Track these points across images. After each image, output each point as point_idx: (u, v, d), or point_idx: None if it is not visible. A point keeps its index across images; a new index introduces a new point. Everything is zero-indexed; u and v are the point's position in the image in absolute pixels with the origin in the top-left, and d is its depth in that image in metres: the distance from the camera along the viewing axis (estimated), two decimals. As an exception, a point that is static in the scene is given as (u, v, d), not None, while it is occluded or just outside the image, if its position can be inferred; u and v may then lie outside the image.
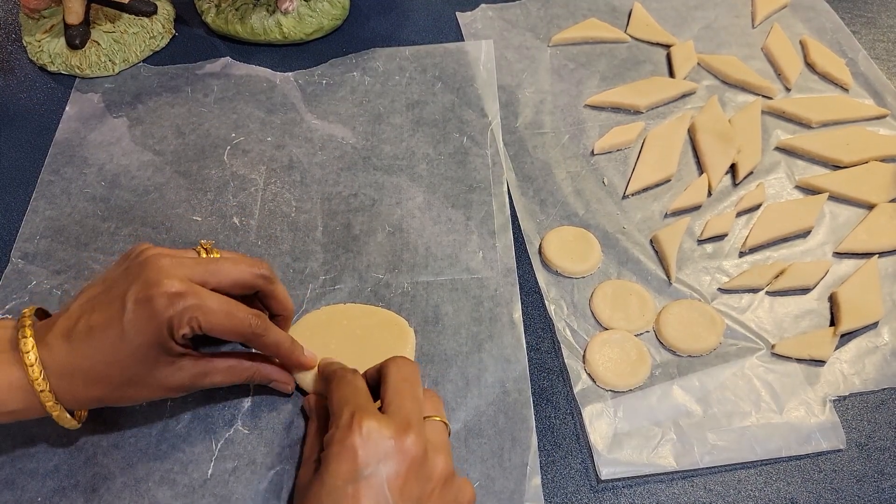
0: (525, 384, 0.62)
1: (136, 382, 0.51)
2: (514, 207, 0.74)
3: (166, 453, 0.57)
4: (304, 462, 0.53)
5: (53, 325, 0.51)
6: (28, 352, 0.49)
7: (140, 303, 0.49)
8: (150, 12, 0.87)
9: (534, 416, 0.60)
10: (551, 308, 0.67)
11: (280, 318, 0.60)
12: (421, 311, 0.66)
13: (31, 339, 0.50)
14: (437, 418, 0.53)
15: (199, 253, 0.58)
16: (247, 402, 0.60)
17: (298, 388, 0.61)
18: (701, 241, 0.72)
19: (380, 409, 0.51)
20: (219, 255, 0.58)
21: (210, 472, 0.57)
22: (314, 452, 0.52)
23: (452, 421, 0.59)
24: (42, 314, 0.55)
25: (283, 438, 0.58)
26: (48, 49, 0.86)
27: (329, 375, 0.55)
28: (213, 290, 0.52)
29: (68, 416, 0.51)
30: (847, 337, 0.65)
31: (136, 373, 0.51)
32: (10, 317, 0.63)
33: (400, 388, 0.52)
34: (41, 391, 0.49)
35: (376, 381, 0.54)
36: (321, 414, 0.55)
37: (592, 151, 0.79)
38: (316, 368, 0.60)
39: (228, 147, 0.79)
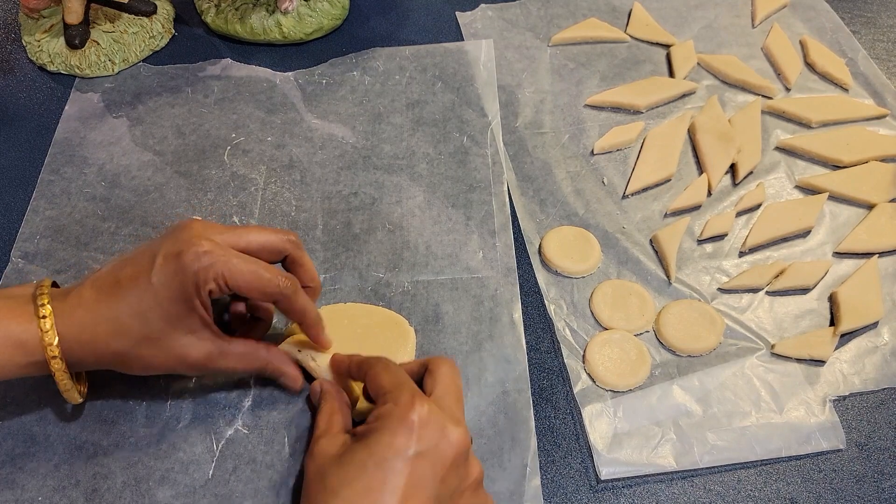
0: (525, 384, 0.62)
1: (155, 342, 0.52)
2: (513, 207, 0.74)
3: (167, 453, 0.57)
4: (322, 434, 0.53)
5: (83, 282, 0.53)
6: (45, 317, 0.50)
7: (169, 257, 0.51)
8: (150, 12, 0.88)
9: (533, 417, 0.60)
10: (551, 308, 0.67)
11: (308, 290, 0.59)
12: (421, 311, 0.66)
13: (48, 305, 0.51)
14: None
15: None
16: (247, 402, 0.60)
17: (307, 376, 0.61)
18: (701, 241, 0.72)
19: None
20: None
21: (211, 471, 0.56)
22: (334, 425, 0.53)
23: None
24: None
25: (283, 438, 0.58)
26: (48, 49, 0.86)
27: (368, 361, 0.55)
28: (243, 251, 0.53)
29: (73, 384, 0.53)
30: (847, 337, 0.65)
31: (157, 328, 0.51)
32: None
33: (450, 388, 0.52)
34: (52, 357, 0.51)
35: (418, 377, 0.55)
36: (340, 395, 0.57)
37: (592, 151, 0.79)
38: (328, 358, 0.60)
39: (229, 147, 0.79)
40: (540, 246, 0.71)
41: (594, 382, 0.62)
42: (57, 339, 0.50)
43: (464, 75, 0.87)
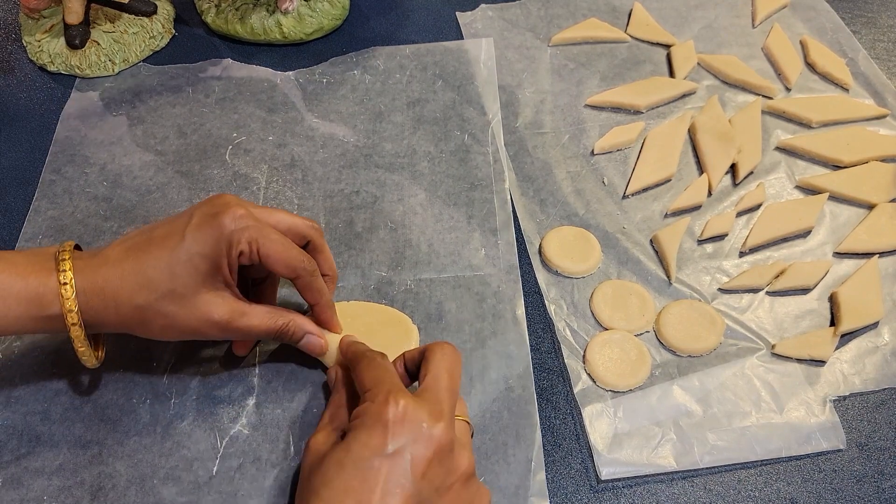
0: (528, 380, 0.62)
1: (180, 298, 0.52)
2: (514, 206, 0.74)
3: (171, 451, 0.58)
4: (322, 427, 0.53)
5: (110, 244, 0.54)
6: (64, 270, 0.52)
7: (206, 217, 0.53)
8: (150, 12, 0.88)
9: (538, 412, 0.60)
10: (551, 308, 0.67)
11: (326, 278, 0.61)
12: (424, 308, 0.66)
13: (68, 260, 0.52)
14: (463, 419, 0.53)
15: None
16: (251, 400, 0.60)
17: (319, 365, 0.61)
18: (701, 241, 0.72)
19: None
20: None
21: (215, 469, 0.57)
22: (335, 420, 0.54)
23: (455, 419, 0.60)
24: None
25: (287, 436, 0.59)
26: (48, 49, 0.86)
27: (357, 356, 0.55)
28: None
29: (89, 346, 0.54)
30: (847, 337, 0.65)
31: (182, 283, 0.52)
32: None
33: (440, 376, 0.52)
34: (69, 311, 0.51)
35: (416, 364, 0.55)
36: (348, 386, 0.56)
37: (592, 151, 0.79)
38: (338, 343, 0.60)
39: (230, 146, 0.79)
40: (540, 246, 0.71)
41: (594, 382, 0.62)
42: (74, 292, 0.51)
43: (464, 74, 0.87)
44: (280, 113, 0.83)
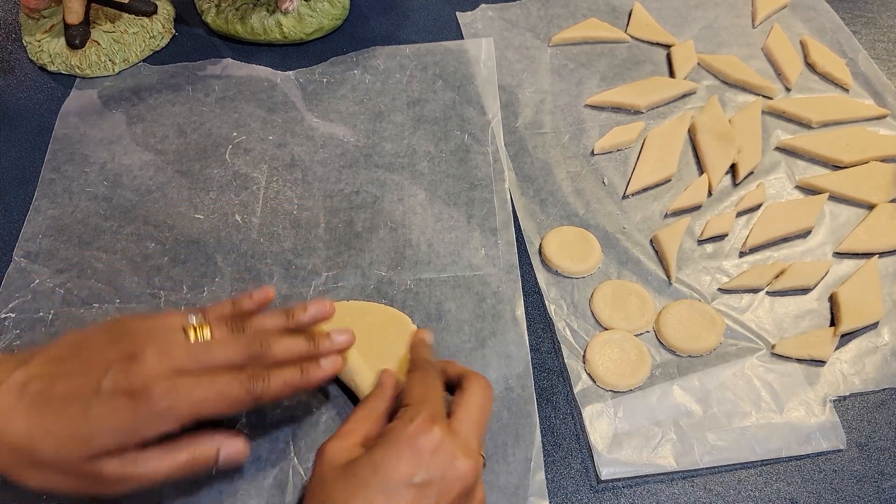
0: (528, 380, 0.62)
1: (63, 465, 0.46)
2: (514, 206, 0.74)
3: (169, 452, 0.57)
4: (344, 434, 0.50)
5: (8, 377, 0.47)
6: None
7: (118, 394, 0.46)
8: (150, 12, 0.87)
9: (537, 412, 0.60)
10: (551, 308, 0.67)
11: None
12: (424, 308, 0.66)
13: None
14: (482, 454, 0.52)
15: (186, 332, 0.51)
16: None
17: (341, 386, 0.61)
18: (701, 241, 0.72)
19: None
20: (206, 333, 0.51)
21: (215, 470, 0.56)
22: (356, 434, 0.51)
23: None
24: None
25: (287, 436, 0.59)
26: (48, 49, 0.86)
27: (417, 363, 0.56)
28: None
29: None
30: (847, 337, 0.65)
31: (72, 455, 0.46)
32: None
33: (473, 411, 0.52)
34: None
35: (451, 382, 0.55)
36: (390, 400, 0.55)
37: (592, 151, 0.79)
38: (368, 374, 0.59)
39: (230, 146, 0.79)
40: (540, 246, 0.71)
41: (594, 382, 0.62)
42: None
43: (464, 73, 0.87)
44: (280, 112, 0.83)
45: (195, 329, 0.51)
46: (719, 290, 0.68)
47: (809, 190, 0.76)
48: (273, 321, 0.55)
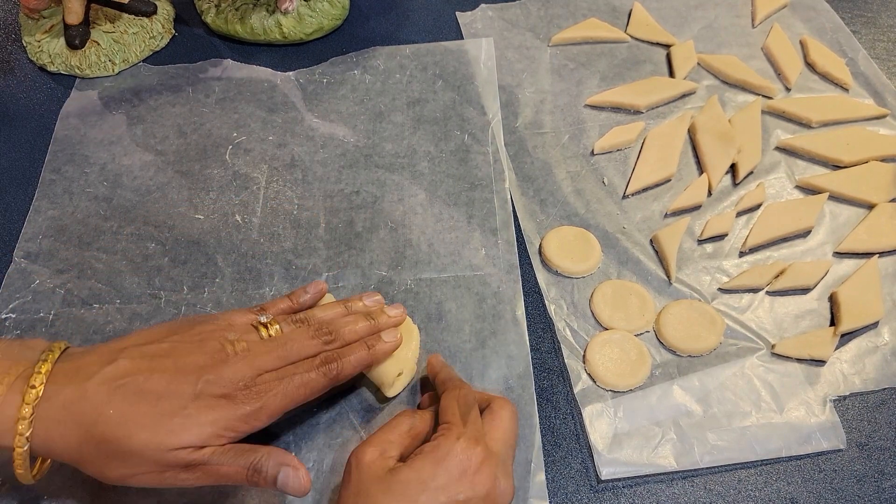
0: (528, 381, 0.62)
1: (149, 457, 0.48)
2: (514, 207, 0.74)
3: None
4: (378, 442, 0.51)
5: (99, 370, 0.49)
6: (25, 417, 0.47)
7: (213, 399, 0.49)
8: (150, 12, 0.87)
9: (538, 413, 0.60)
10: (551, 308, 0.67)
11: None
12: (424, 308, 0.66)
13: (37, 392, 0.47)
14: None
15: (258, 330, 0.55)
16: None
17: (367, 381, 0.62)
18: (701, 241, 0.72)
19: None
20: (277, 329, 0.56)
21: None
22: (402, 440, 0.52)
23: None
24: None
25: (286, 434, 0.59)
26: (48, 49, 0.86)
27: (451, 381, 0.56)
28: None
29: (29, 471, 0.49)
30: (847, 337, 0.65)
31: (160, 448, 0.48)
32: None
33: (508, 435, 0.53)
34: (19, 447, 0.47)
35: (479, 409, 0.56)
36: (432, 419, 0.55)
37: (592, 151, 0.79)
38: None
39: (230, 146, 0.79)
40: (540, 246, 0.71)
41: (594, 382, 0.62)
42: (31, 430, 0.47)
43: (464, 73, 0.87)
44: (280, 113, 0.83)
45: (266, 326, 0.56)
46: (719, 289, 0.68)
47: (809, 190, 0.76)
48: (334, 310, 0.60)
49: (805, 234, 0.73)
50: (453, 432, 0.50)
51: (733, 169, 0.77)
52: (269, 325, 0.56)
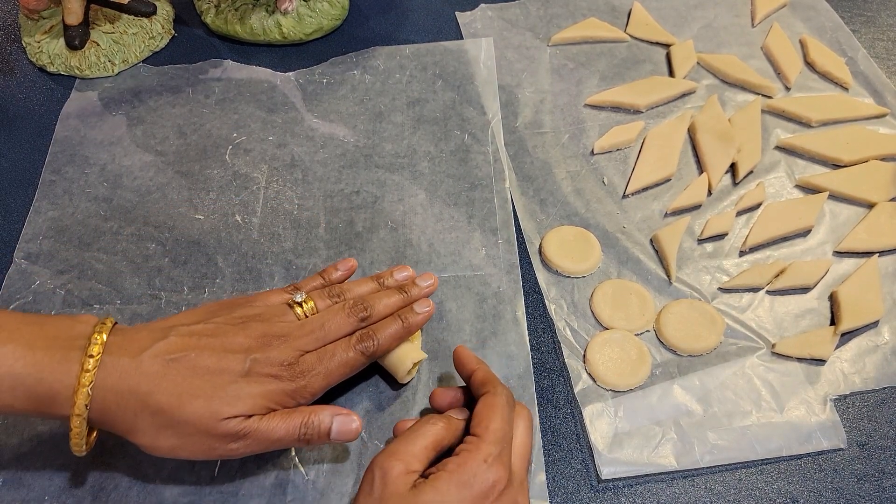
0: (529, 381, 0.62)
1: (202, 428, 0.50)
2: (514, 206, 0.74)
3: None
4: (411, 456, 0.49)
5: (152, 344, 0.51)
6: (84, 385, 0.48)
7: (264, 377, 0.52)
8: (150, 13, 0.87)
9: (538, 413, 0.60)
10: (551, 308, 0.67)
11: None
12: (424, 309, 0.67)
13: (95, 361, 0.49)
14: None
15: (293, 309, 0.57)
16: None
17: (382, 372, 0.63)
18: (701, 241, 0.72)
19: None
20: (311, 306, 0.58)
21: (217, 469, 0.57)
22: (427, 454, 0.50)
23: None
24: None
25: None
26: (47, 50, 0.86)
27: (496, 387, 0.53)
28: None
29: (85, 438, 0.50)
30: (847, 336, 0.65)
31: (213, 418, 0.49)
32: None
33: (524, 448, 0.53)
34: (77, 415, 0.48)
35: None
36: (456, 431, 0.53)
37: (592, 151, 0.79)
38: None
39: (230, 147, 0.79)
40: (540, 246, 0.71)
41: (595, 382, 0.62)
42: (90, 399, 0.48)
43: (464, 73, 0.87)
44: (280, 113, 0.83)
45: (300, 305, 0.57)
46: (719, 289, 0.68)
47: (809, 189, 0.76)
48: (367, 285, 0.62)
49: (805, 233, 0.73)
50: (481, 451, 0.48)
51: (733, 168, 0.77)
52: (303, 303, 0.58)
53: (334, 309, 0.58)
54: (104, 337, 0.50)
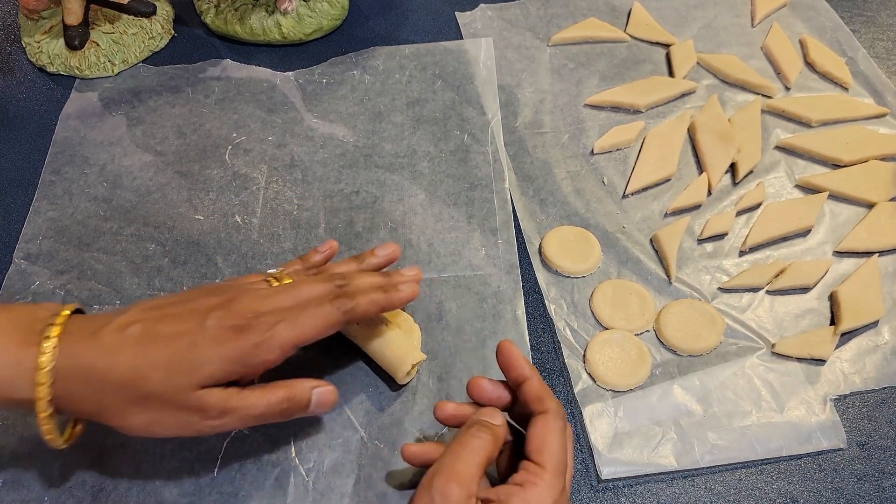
0: (528, 382, 0.62)
1: (170, 398, 0.48)
2: (514, 206, 0.74)
3: (172, 452, 0.58)
4: (468, 476, 0.45)
5: (110, 322, 0.50)
6: (44, 368, 0.47)
7: (224, 330, 0.49)
8: (149, 13, 0.87)
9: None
10: (551, 308, 0.67)
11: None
12: (424, 308, 0.66)
13: (53, 342, 0.48)
14: None
15: (269, 283, 0.56)
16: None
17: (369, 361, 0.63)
18: (701, 241, 0.72)
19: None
20: (288, 280, 0.57)
21: (216, 470, 0.57)
22: (480, 472, 0.46)
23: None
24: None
25: (289, 437, 0.59)
26: (47, 50, 0.86)
27: (549, 399, 0.50)
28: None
29: (57, 431, 0.49)
30: (847, 336, 0.65)
31: (179, 387, 0.48)
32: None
33: (571, 475, 0.52)
34: (41, 399, 0.47)
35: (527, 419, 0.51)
36: (503, 441, 0.50)
37: (592, 151, 0.79)
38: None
39: (230, 147, 0.79)
40: (540, 246, 0.71)
41: (595, 382, 0.62)
42: (51, 380, 0.47)
43: (464, 73, 0.87)
44: (280, 113, 0.83)
45: (277, 279, 0.57)
46: (719, 289, 0.68)
47: (809, 189, 0.76)
48: (347, 266, 0.60)
49: (805, 233, 0.73)
50: (546, 484, 0.46)
51: (733, 168, 0.77)
52: (280, 278, 0.57)
53: (310, 277, 0.57)
54: (63, 318, 0.49)
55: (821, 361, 0.64)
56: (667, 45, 0.91)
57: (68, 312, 0.50)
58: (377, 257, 0.61)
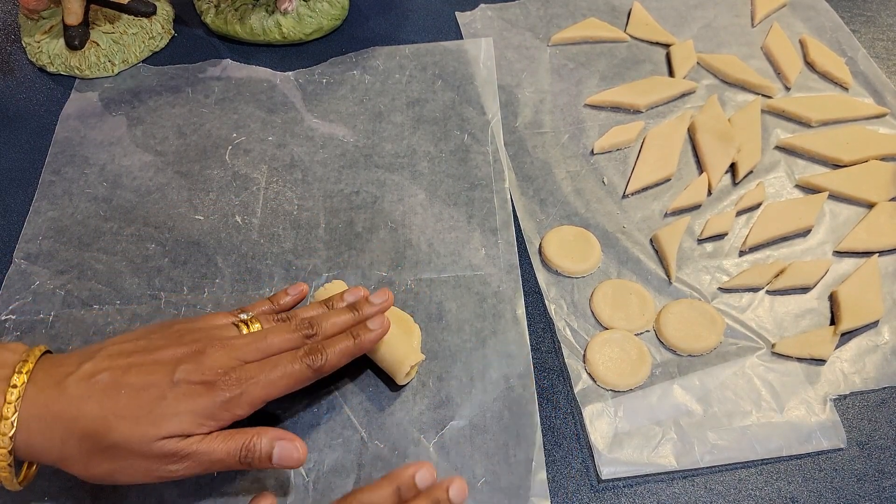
0: (529, 380, 0.62)
1: (134, 449, 0.48)
2: (514, 206, 0.74)
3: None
4: None
5: (76, 369, 0.49)
6: (7, 417, 0.47)
7: (193, 386, 0.49)
8: (150, 13, 0.87)
9: (538, 413, 0.60)
10: (551, 308, 0.67)
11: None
12: (424, 308, 0.66)
13: (18, 391, 0.47)
14: None
15: (238, 328, 0.56)
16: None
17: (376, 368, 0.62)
18: (701, 241, 0.72)
19: None
20: (258, 327, 0.57)
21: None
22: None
23: (458, 417, 0.60)
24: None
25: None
26: (47, 50, 0.86)
27: None
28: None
29: (13, 475, 0.49)
30: (847, 336, 0.65)
31: (144, 439, 0.48)
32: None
33: None
34: (1, 448, 0.47)
35: None
36: None
37: (592, 151, 0.79)
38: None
39: (230, 147, 0.79)
40: (540, 246, 0.71)
41: (595, 382, 0.62)
42: (13, 429, 0.47)
43: (464, 73, 0.87)
44: (280, 113, 0.83)
45: (247, 324, 0.57)
46: (719, 289, 0.68)
47: (809, 189, 0.76)
48: (316, 309, 0.60)
49: (805, 233, 0.73)
50: None
51: (733, 168, 0.77)
52: (249, 322, 0.57)
53: (279, 325, 0.56)
54: (30, 366, 0.49)
55: (821, 361, 0.64)
56: (667, 45, 0.91)
57: (33, 362, 0.50)
58: (345, 302, 0.60)
